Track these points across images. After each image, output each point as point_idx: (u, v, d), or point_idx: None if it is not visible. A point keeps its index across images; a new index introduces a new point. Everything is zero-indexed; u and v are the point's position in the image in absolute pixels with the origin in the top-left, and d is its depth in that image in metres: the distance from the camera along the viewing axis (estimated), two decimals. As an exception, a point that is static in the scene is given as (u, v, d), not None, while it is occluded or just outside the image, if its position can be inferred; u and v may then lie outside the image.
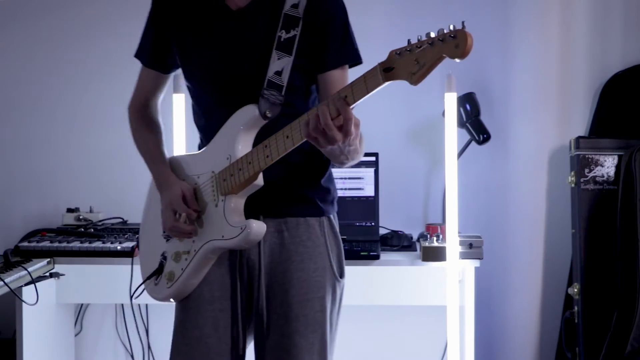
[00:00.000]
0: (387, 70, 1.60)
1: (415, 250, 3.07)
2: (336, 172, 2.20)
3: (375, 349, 3.34)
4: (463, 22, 1.51)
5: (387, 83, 1.62)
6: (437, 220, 3.27)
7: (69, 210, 3.28)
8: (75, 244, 2.94)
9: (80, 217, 3.26)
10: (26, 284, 2.72)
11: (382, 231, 3.17)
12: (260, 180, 1.86)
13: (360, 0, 2.54)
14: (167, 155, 2.08)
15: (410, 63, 1.57)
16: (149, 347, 3.43)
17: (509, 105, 3.30)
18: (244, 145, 1.88)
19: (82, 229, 3.14)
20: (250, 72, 1.89)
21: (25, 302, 2.77)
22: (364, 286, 3.05)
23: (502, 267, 3.28)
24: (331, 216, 2.01)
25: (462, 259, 2.88)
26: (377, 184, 3.16)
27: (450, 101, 2.85)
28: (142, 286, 2.05)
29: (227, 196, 1.89)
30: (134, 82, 2.10)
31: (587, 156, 3.07)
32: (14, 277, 2.62)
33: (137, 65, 2.08)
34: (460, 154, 3.18)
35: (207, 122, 1.98)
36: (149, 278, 2.02)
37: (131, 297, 2.05)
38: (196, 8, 1.95)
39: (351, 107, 1.66)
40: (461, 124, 3.14)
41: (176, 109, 2.93)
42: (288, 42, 1.87)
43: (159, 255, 2.02)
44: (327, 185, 2.01)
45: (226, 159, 1.89)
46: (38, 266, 2.82)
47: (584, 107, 3.31)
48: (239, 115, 1.89)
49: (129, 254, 2.89)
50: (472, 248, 2.89)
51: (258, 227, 1.86)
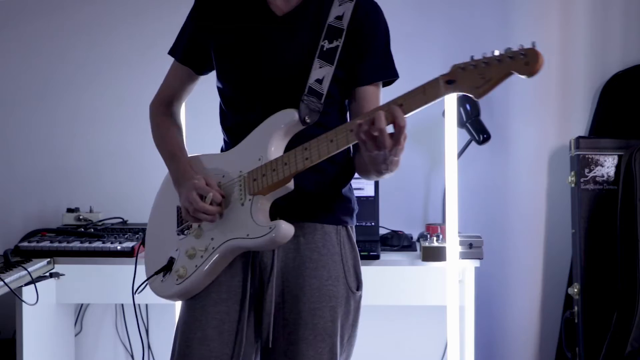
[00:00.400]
0: (449, 83, 1.67)
1: (415, 250, 3.07)
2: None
3: (375, 349, 3.34)
4: (534, 43, 1.61)
5: (447, 95, 1.68)
6: (437, 220, 3.27)
7: (69, 210, 3.28)
8: (75, 244, 2.94)
9: (80, 217, 3.26)
10: (26, 284, 2.72)
11: (382, 231, 3.17)
12: (291, 184, 1.85)
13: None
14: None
15: (475, 78, 1.65)
16: (149, 347, 3.43)
17: (509, 105, 3.30)
18: (276, 148, 1.87)
19: (82, 229, 3.14)
20: (291, 76, 1.89)
21: (25, 302, 2.77)
22: (364, 286, 3.03)
23: (502, 267, 3.28)
24: (349, 227, 1.99)
25: (462, 259, 2.88)
26: (377, 183, 3.16)
27: (450, 101, 2.85)
28: (145, 284, 2.00)
29: (255, 196, 1.86)
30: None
31: (587, 156, 3.07)
32: (14, 277, 2.62)
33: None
34: (460, 154, 3.19)
35: (239, 123, 1.95)
36: (157, 273, 1.97)
37: (134, 292, 2.01)
38: (239, 10, 1.95)
39: (405, 116, 1.70)
40: (461, 124, 3.14)
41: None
42: (330, 52, 1.88)
43: (169, 251, 1.98)
44: (347, 195, 2.01)
45: (258, 159, 1.87)
46: (38, 266, 2.82)
47: (583, 107, 3.31)
48: (277, 117, 1.88)
49: (129, 254, 2.89)
50: (472, 248, 2.89)
51: (287, 228, 1.82)
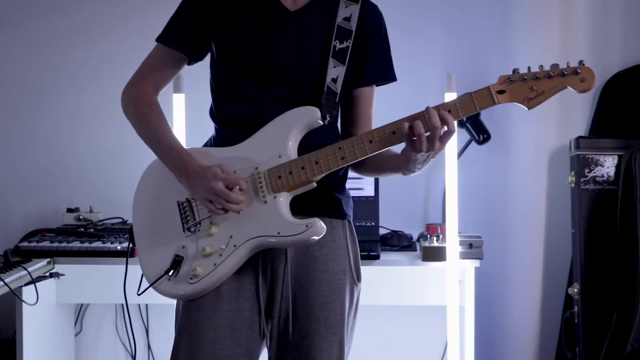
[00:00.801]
0: (500, 93, 1.82)
1: (415, 250, 3.07)
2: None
3: (375, 349, 3.34)
4: (582, 61, 1.79)
5: (499, 104, 1.81)
6: (437, 220, 3.27)
7: (69, 210, 3.28)
8: (75, 244, 2.94)
9: (80, 217, 3.26)
10: (26, 284, 2.72)
11: (382, 231, 3.17)
12: (314, 182, 1.86)
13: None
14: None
15: (526, 89, 1.81)
16: (149, 347, 3.43)
17: (509, 105, 3.29)
18: (293, 145, 1.87)
19: (82, 229, 3.14)
20: (308, 73, 1.90)
21: (25, 302, 2.77)
22: (364, 286, 2.97)
23: (502, 267, 3.28)
24: (351, 220, 2.02)
25: (462, 259, 2.88)
26: (377, 183, 3.16)
27: (450, 101, 2.85)
28: (146, 284, 1.94)
29: (278, 193, 1.86)
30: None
31: (587, 156, 3.07)
32: (14, 277, 2.62)
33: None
34: (460, 154, 3.19)
35: (244, 117, 1.92)
36: (166, 273, 1.90)
37: (138, 294, 1.98)
38: (248, 2, 1.93)
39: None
40: (461, 124, 3.14)
41: (176, 109, 2.93)
42: (342, 52, 1.91)
43: (172, 250, 1.91)
44: (347, 190, 2.03)
45: (278, 156, 1.86)
46: (38, 266, 2.82)
47: (583, 107, 3.31)
48: (298, 114, 1.87)
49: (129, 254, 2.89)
50: (472, 248, 2.89)
51: (322, 226, 1.83)
